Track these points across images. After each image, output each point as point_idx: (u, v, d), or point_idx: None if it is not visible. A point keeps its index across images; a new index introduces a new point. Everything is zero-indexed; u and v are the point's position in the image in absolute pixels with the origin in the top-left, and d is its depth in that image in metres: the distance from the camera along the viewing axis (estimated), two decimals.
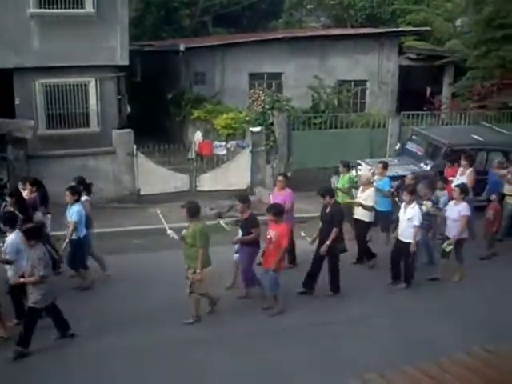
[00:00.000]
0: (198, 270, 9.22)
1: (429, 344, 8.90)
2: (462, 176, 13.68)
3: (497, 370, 4.46)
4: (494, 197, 13.07)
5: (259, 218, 10.72)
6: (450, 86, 24.89)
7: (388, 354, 8.45)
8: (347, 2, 30.42)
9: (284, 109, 17.57)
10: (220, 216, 11.60)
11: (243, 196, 10.93)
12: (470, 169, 13.82)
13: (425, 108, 20.42)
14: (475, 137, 16.46)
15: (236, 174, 16.75)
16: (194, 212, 9.44)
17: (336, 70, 22.23)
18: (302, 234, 11.36)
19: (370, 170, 14.42)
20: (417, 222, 10.91)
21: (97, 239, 11.56)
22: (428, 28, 26.83)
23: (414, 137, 17.11)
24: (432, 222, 12.19)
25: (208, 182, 16.54)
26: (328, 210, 10.75)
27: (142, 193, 15.88)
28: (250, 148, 16.83)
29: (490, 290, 11.31)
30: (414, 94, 22.43)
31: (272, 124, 17.32)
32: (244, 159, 16.87)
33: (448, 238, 11.56)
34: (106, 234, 13.07)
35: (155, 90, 23.28)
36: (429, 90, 22.10)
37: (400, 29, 26.53)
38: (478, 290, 11.31)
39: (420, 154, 16.37)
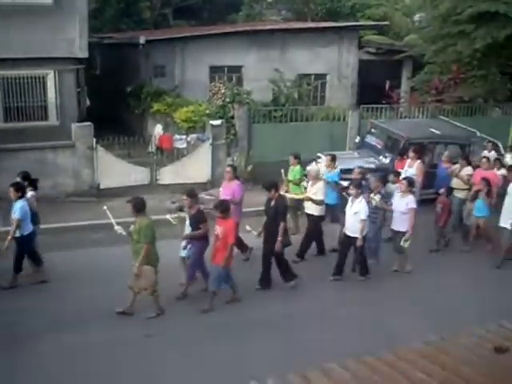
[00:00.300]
0: (136, 265, 9.08)
1: (386, 333, 9.04)
2: (411, 168, 13.82)
3: (451, 357, 4.56)
4: (442, 190, 13.16)
5: None
6: (408, 80, 25.33)
7: (350, 344, 8.48)
8: None
9: (244, 102, 17.58)
10: (181, 209, 11.53)
11: (190, 191, 10.68)
12: (418, 161, 13.95)
13: (384, 101, 20.66)
14: (433, 130, 16.66)
15: (196, 167, 16.69)
16: (139, 207, 9.27)
17: (296, 64, 22.28)
18: (247, 227, 11.37)
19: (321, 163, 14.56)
20: (363, 216, 10.86)
21: (52, 234, 11.42)
22: (387, 23, 27.20)
23: (373, 130, 17.23)
24: (380, 216, 12.10)
25: (168, 175, 16.44)
26: (272, 204, 10.67)
27: (101, 187, 15.67)
28: (211, 141, 16.76)
29: (439, 281, 11.46)
30: (373, 87, 22.58)
31: (232, 117, 17.32)
32: (204, 152, 16.81)
33: (396, 232, 11.67)
34: (61, 229, 12.97)
35: (115, 82, 23.08)
36: (388, 84, 22.38)
37: (359, 23, 26.77)
38: (428, 281, 11.48)
39: (379, 146, 16.50)
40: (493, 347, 4.55)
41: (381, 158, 15.88)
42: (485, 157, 14.32)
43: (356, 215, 10.91)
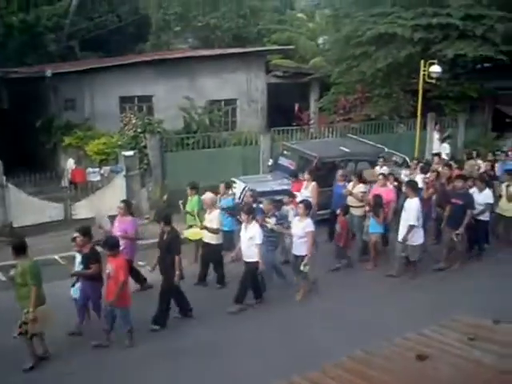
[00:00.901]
0: (30, 309, 8.60)
1: (309, 352, 9.22)
2: (306, 190, 13.92)
3: (376, 369, 4.69)
4: (338, 211, 13.25)
5: None
6: (316, 102, 25.93)
7: (277, 366, 8.65)
8: (213, 23, 30.89)
9: (156, 131, 17.63)
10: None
11: (84, 229, 10.34)
12: (313, 182, 14.06)
13: (294, 123, 21.10)
14: (343, 148, 17.14)
15: (111, 199, 16.34)
16: (18, 249, 8.79)
17: (206, 90, 22.45)
18: (140, 263, 11.29)
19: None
20: (258, 241, 10.72)
21: None
22: (292, 46, 27.77)
23: (285, 152, 17.53)
24: (279, 239, 12.06)
25: (83, 209, 16.16)
26: (165, 238, 10.45)
27: (15, 225, 15.20)
28: (124, 172, 16.68)
29: (341, 302, 11.60)
30: (283, 110, 23.05)
31: (145, 147, 17.31)
32: (118, 184, 16.67)
33: (296, 257, 11.50)
34: None
35: (24, 117, 22.56)
36: (297, 106, 22.83)
37: (266, 48, 27.23)
38: (337, 298, 11.68)
39: (292, 168, 16.74)
40: (415, 356, 4.68)
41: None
42: (381, 173, 14.53)
43: (251, 240, 10.77)
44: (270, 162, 18.07)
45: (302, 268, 11.30)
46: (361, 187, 13.98)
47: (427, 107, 21.05)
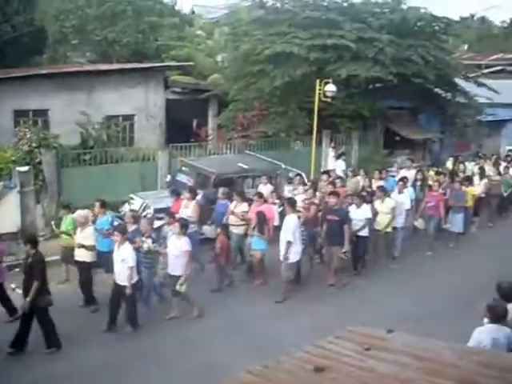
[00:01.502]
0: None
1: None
2: (186, 209, 13.71)
3: (275, 383, 4.75)
4: (218, 230, 13.26)
5: None
6: (215, 118, 26.10)
7: None
8: (112, 37, 30.62)
9: (52, 146, 17.16)
10: None
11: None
12: (194, 201, 13.89)
13: (192, 140, 21.14)
14: (241, 165, 17.34)
15: (5, 216, 15.93)
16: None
17: (104, 106, 22.22)
18: (12, 285, 11.00)
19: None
20: (131, 263, 10.45)
21: None
22: (191, 63, 27.87)
23: (183, 168, 17.54)
24: (155, 260, 11.81)
25: None
26: (29, 261, 10.07)
27: None
28: (18, 189, 16.11)
29: (233, 319, 11.66)
30: (181, 126, 23.00)
31: (40, 163, 16.83)
32: (12, 200, 16.08)
33: (172, 277, 11.31)
34: None
35: None
36: (195, 122, 22.89)
37: (165, 64, 27.20)
38: (218, 322, 11.57)
39: (190, 184, 16.62)
40: (312, 367, 4.72)
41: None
42: (258, 192, 14.75)
43: (123, 262, 10.48)
44: (168, 178, 18.00)
45: (177, 288, 11.15)
46: (244, 206, 14.06)
47: (323, 125, 21.60)
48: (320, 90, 19.85)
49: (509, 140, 32.66)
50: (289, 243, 12.46)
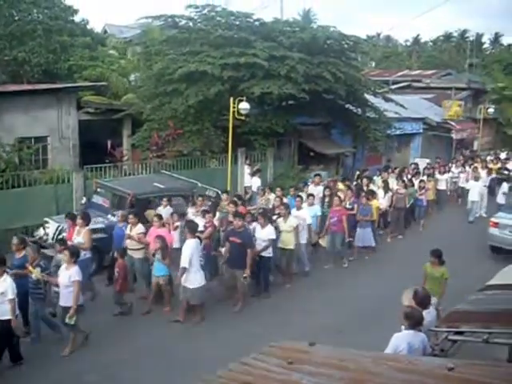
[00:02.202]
0: None
1: None
2: (79, 236, 13.00)
3: None
4: (116, 254, 12.84)
5: None
6: (129, 138, 25.97)
7: None
8: (22, 57, 29.99)
9: None
10: None
11: None
12: (87, 228, 13.21)
13: (107, 160, 20.87)
14: (157, 184, 17.23)
15: None
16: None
17: (15, 127, 21.66)
18: None
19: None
20: (11, 296, 9.69)
21: None
22: (104, 83, 27.66)
23: (99, 189, 17.25)
24: (46, 290, 11.08)
25: None
26: None
27: None
28: None
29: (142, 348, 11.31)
30: (95, 147, 22.66)
31: None
32: None
33: (63, 308, 10.70)
34: None
35: None
36: (110, 143, 22.64)
37: (77, 84, 26.85)
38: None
39: (106, 205, 16.56)
40: None
41: (109, 216, 15.97)
42: (157, 214, 14.30)
43: (3, 295, 9.71)
44: (84, 200, 17.72)
45: (67, 320, 10.54)
46: (139, 228, 13.66)
47: (238, 142, 21.78)
48: (234, 107, 20.04)
49: (416, 153, 34.04)
50: (183, 269, 12.11)
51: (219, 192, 18.21)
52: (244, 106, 20.04)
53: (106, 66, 29.38)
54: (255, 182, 21.59)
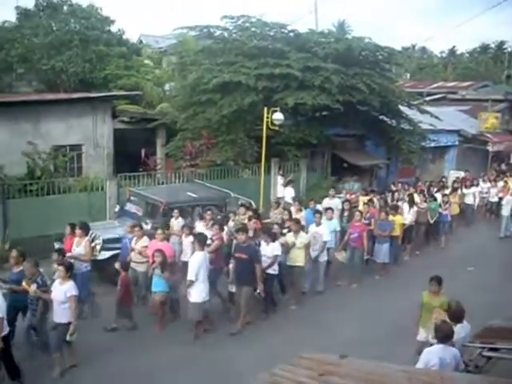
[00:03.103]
0: None
1: None
2: (80, 247, 12.71)
3: None
4: (117, 265, 12.55)
5: None
6: (163, 147, 26.09)
7: None
8: (59, 67, 30.42)
9: None
10: None
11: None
12: (87, 237, 12.98)
13: (141, 169, 21.05)
14: (190, 194, 17.31)
15: None
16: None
17: (51, 135, 21.98)
18: None
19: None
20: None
21: None
22: (139, 92, 27.92)
23: (132, 198, 17.38)
24: (44, 306, 10.55)
25: None
26: None
27: None
28: None
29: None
30: (129, 155, 22.87)
31: None
32: None
33: (57, 324, 10.15)
34: None
35: None
36: (144, 152, 22.79)
37: (112, 93, 27.10)
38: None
39: (139, 214, 16.64)
40: None
41: (142, 224, 16.05)
42: (157, 227, 13.94)
43: None
44: (117, 208, 17.89)
45: (68, 338, 10.14)
46: (144, 241, 13.39)
47: (271, 153, 21.81)
48: (268, 118, 20.05)
49: (451, 165, 33.61)
50: (190, 282, 11.86)
51: (252, 202, 18.19)
52: (278, 116, 20.02)
53: (140, 76, 29.64)
54: (288, 193, 21.50)
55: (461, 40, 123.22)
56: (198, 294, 11.95)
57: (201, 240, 12.39)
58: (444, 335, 7.66)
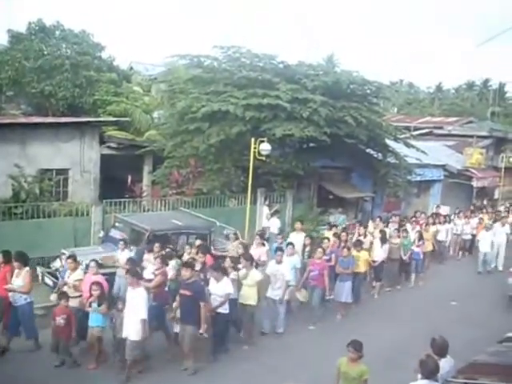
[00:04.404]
0: None
1: None
2: (19, 278, 12.07)
3: None
4: (53, 297, 12.33)
5: None
6: (149, 174, 26.15)
7: None
8: (48, 91, 30.49)
9: None
10: None
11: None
12: (26, 268, 12.23)
13: (127, 195, 20.98)
14: (175, 221, 17.33)
15: None
16: None
17: (37, 159, 21.93)
18: None
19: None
20: None
21: None
22: (128, 119, 28.00)
23: (117, 224, 17.41)
24: None
25: None
26: None
27: None
28: None
29: None
30: (116, 181, 22.86)
31: None
32: None
33: None
34: None
35: None
36: (130, 178, 22.76)
37: (101, 119, 27.17)
38: None
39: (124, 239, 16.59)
40: None
41: (126, 251, 15.96)
42: (93, 260, 13.05)
43: None
44: (102, 233, 17.85)
45: None
46: (77, 274, 12.72)
47: (257, 183, 21.85)
48: (255, 148, 20.11)
49: (436, 199, 33.87)
50: (143, 321, 11.20)
51: (237, 232, 18.18)
52: (265, 146, 20.10)
53: (130, 102, 29.73)
54: (274, 223, 21.53)
55: (447, 76, 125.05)
56: (135, 331, 11.19)
57: (134, 273, 11.69)
58: (429, 370, 7.61)
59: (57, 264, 15.94)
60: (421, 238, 20.87)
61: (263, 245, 16.85)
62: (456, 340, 9.25)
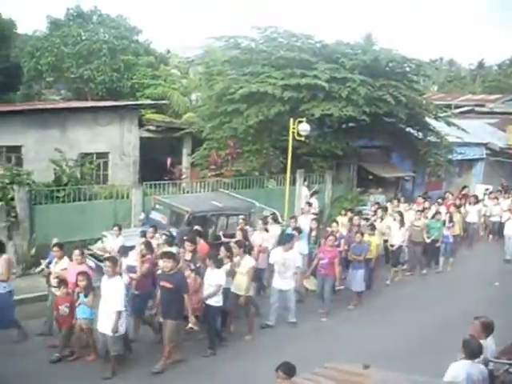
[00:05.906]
0: None
1: None
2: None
3: None
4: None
5: None
6: (188, 156, 26.22)
7: None
8: (87, 75, 30.77)
9: (25, 183, 17.04)
10: None
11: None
12: (4, 256, 11.76)
13: (166, 178, 21.13)
14: (215, 203, 17.28)
15: None
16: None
17: (78, 143, 22.24)
18: None
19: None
20: None
21: None
22: (166, 101, 28.11)
23: (157, 206, 17.47)
24: None
25: None
26: None
27: None
28: None
29: None
30: (155, 164, 23.05)
31: (12, 199, 16.68)
32: None
33: None
34: None
35: None
36: (169, 160, 22.85)
37: (139, 102, 27.33)
38: None
39: (164, 222, 16.66)
40: None
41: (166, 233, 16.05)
42: (77, 249, 12.01)
43: None
44: (142, 215, 17.96)
45: None
46: (63, 263, 11.95)
47: (296, 163, 21.74)
48: (294, 129, 20.00)
49: (478, 179, 33.25)
50: (118, 313, 10.47)
51: (276, 212, 18.12)
52: (304, 127, 19.95)
53: (167, 85, 29.85)
54: (313, 204, 21.38)
55: (489, 52, 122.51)
56: (113, 325, 10.46)
57: (114, 262, 11.01)
58: (471, 351, 7.46)
59: (98, 246, 16.08)
60: (451, 220, 19.79)
61: (266, 230, 15.75)
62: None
